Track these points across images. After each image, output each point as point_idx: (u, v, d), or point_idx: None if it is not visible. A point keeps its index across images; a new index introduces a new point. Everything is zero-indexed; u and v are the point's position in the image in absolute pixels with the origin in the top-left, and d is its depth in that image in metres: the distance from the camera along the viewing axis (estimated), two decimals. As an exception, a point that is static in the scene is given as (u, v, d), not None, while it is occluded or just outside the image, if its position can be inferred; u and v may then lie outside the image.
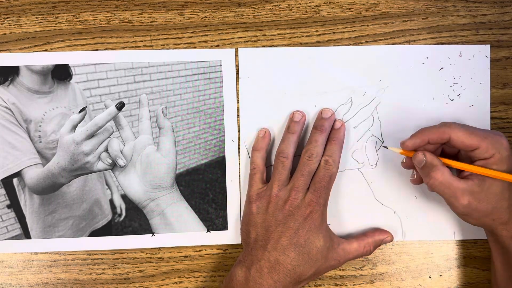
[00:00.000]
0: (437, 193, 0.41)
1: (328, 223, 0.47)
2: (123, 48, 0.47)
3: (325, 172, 0.43)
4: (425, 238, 0.48)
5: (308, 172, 0.43)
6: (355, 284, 0.48)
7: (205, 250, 0.48)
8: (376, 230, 0.47)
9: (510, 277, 0.42)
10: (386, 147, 0.46)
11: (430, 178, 0.40)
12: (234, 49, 0.47)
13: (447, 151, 0.45)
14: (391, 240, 0.47)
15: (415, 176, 0.44)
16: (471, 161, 0.41)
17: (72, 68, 0.46)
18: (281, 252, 0.41)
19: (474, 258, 0.48)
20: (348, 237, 0.47)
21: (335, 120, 0.46)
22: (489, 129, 0.48)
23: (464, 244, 0.48)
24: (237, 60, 0.48)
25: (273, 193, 0.43)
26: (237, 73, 0.48)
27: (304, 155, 0.44)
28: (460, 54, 0.48)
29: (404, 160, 0.44)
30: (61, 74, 0.47)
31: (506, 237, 0.41)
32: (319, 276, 0.44)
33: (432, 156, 0.41)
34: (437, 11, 0.48)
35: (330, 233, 0.44)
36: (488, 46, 0.48)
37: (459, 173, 0.43)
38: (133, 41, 0.47)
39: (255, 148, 0.47)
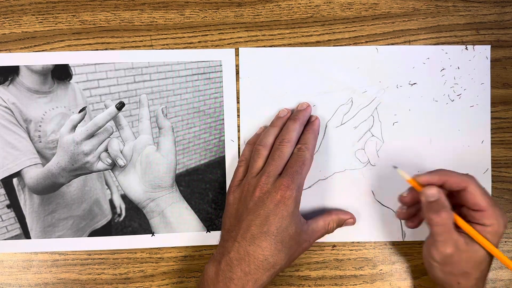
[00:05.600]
0: (428, 230, 0.41)
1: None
2: (123, 48, 0.47)
3: (297, 157, 0.42)
4: (425, 238, 0.48)
5: (279, 156, 0.42)
6: (355, 284, 0.48)
7: (205, 250, 0.48)
8: (340, 210, 0.47)
9: None
10: (395, 167, 0.42)
11: (438, 215, 0.39)
12: (234, 49, 0.47)
13: None
14: (353, 223, 0.47)
15: (404, 210, 0.43)
16: (467, 219, 0.40)
17: (72, 68, 0.46)
18: (250, 242, 0.39)
19: (474, 258, 0.48)
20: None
21: (310, 116, 0.46)
22: (490, 128, 0.48)
23: (464, 244, 0.48)
24: (237, 60, 0.47)
25: (246, 181, 0.42)
26: (237, 73, 0.48)
27: (276, 142, 0.44)
28: (461, 55, 0.48)
29: (405, 195, 0.42)
30: (61, 74, 0.47)
31: None
32: (293, 261, 0.43)
33: (445, 196, 0.39)
34: (437, 11, 0.48)
35: (301, 217, 0.42)
36: (489, 47, 0.48)
37: None
38: (133, 41, 0.47)
39: (248, 142, 0.47)
